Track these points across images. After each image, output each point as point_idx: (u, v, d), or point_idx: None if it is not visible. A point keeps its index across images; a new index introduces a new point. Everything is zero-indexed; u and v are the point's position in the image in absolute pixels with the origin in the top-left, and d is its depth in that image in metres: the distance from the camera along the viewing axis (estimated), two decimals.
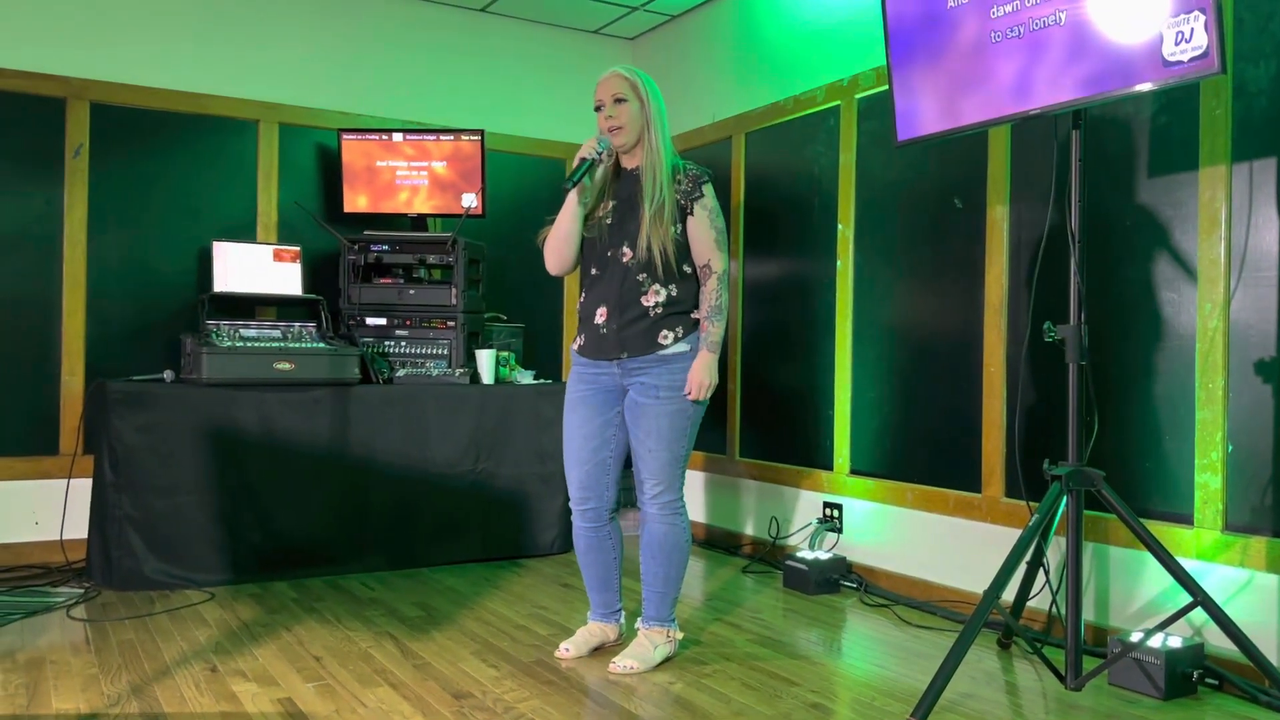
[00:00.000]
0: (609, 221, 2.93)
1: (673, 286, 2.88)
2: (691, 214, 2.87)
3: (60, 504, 4.16)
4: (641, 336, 2.87)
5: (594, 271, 2.97)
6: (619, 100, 2.88)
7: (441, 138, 4.71)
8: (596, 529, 3.03)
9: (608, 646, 3.12)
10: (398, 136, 4.71)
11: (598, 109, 2.92)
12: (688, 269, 2.91)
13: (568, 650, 3.04)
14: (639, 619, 3.05)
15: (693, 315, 2.91)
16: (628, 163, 2.97)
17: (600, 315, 2.92)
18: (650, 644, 2.97)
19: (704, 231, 2.88)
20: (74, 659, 2.96)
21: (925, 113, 3.08)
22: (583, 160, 2.85)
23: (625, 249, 2.89)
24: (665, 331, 2.87)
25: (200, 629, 3.28)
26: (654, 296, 2.87)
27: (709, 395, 2.88)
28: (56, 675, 2.81)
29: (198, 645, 3.11)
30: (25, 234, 4.22)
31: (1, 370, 4.17)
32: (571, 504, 3.05)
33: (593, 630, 3.11)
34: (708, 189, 2.90)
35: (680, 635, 3.07)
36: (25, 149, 4.23)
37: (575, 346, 3.03)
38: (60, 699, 2.63)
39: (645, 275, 2.87)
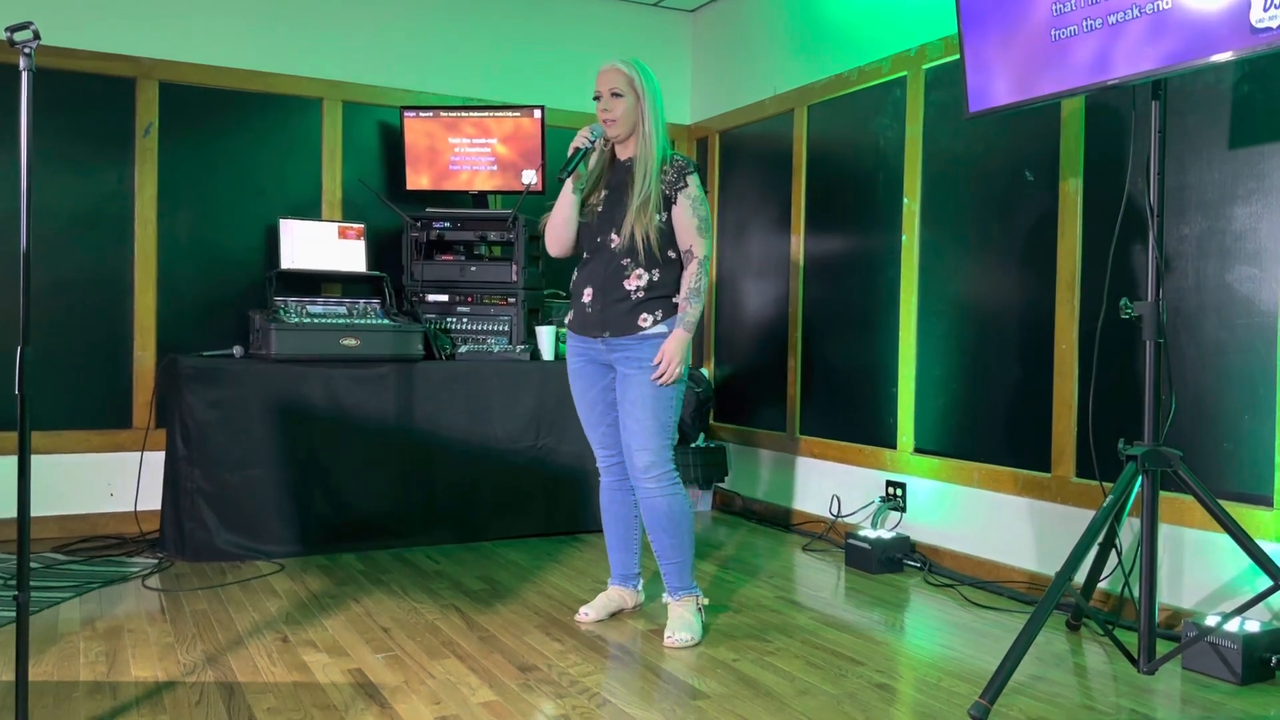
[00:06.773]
0: (600, 209, 3.07)
1: (655, 271, 3.01)
2: (675, 203, 3.01)
3: (134, 476, 4.27)
4: (622, 318, 3.01)
5: (585, 254, 3.13)
6: (615, 94, 2.99)
7: (502, 115, 4.72)
8: (622, 482, 3.19)
9: (626, 612, 3.25)
10: (459, 114, 4.72)
11: (596, 99, 3.02)
12: (671, 254, 3.04)
13: (587, 614, 3.18)
14: (664, 594, 3.10)
15: (673, 300, 3.03)
16: (621, 153, 3.10)
17: (587, 295, 3.07)
18: (689, 613, 3.04)
19: (687, 219, 2.99)
20: (150, 628, 3.04)
21: (998, 83, 3.01)
22: (576, 150, 2.99)
23: (613, 235, 3.01)
24: (645, 315, 3.00)
25: (271, 600, 3.35)
26: (636, 280, 3.00)
27: (675, 378, 2.95)
28: (134, 644, 2.89)
29: (269, 616, 3.18)
30: (98, 212, 4.32)
31: (77, 346, 4.28)
32: (598, 464, 3.22)
33: (612, 595, 3.26)
34: (692, 179, 3.02)
35: (706, 601, 3.15)
36: (97, 128, 4.32)
37: (566, 321, 3.19)
38: (139, 667, 2.70)
39: (629, 260, 3.00)
